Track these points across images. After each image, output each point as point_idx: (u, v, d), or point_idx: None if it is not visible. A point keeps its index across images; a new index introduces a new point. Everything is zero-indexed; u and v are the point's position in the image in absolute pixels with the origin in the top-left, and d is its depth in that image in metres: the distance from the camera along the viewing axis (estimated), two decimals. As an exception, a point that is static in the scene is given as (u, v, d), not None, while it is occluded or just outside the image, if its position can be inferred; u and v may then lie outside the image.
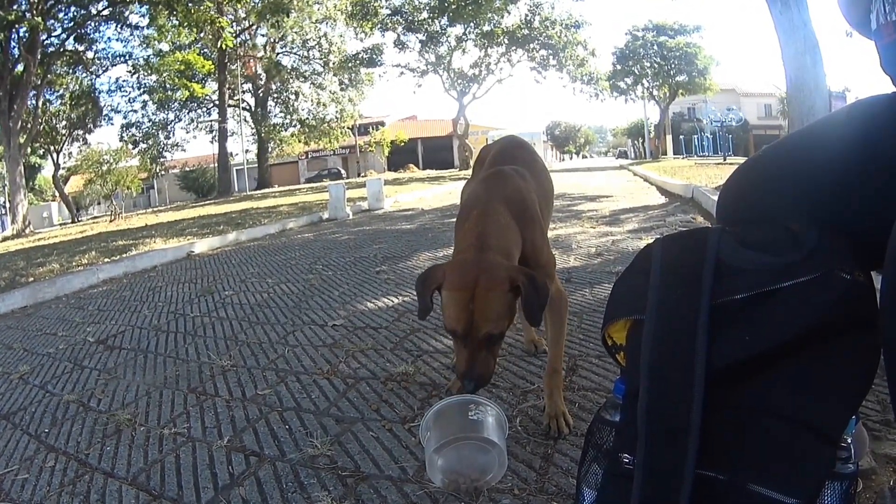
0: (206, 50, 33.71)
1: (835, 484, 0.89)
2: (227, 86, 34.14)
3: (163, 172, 38.93)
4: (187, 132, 41.97)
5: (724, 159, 23.62)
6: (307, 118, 37.89)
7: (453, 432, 1.44)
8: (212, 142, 37.16)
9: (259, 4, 31.30)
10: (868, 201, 0.99)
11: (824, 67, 8.05)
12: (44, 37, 24.04)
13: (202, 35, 30.49)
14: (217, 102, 34.88)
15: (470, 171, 2.93)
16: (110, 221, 17.87)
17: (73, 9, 26.05)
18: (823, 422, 0.85)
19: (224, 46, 31.18)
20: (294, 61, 38.28)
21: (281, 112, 39.05)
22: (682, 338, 0.88)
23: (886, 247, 0.87)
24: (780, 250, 0.92)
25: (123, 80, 37.96)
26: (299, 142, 39.30)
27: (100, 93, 33.24)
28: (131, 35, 31.01)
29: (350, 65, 36.83)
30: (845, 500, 0.89)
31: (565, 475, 1.55)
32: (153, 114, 35.19)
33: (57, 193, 35.29)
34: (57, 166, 33.53)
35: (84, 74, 30.77)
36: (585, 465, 1.08)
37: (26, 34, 22.82)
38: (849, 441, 0.91)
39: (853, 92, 30.97)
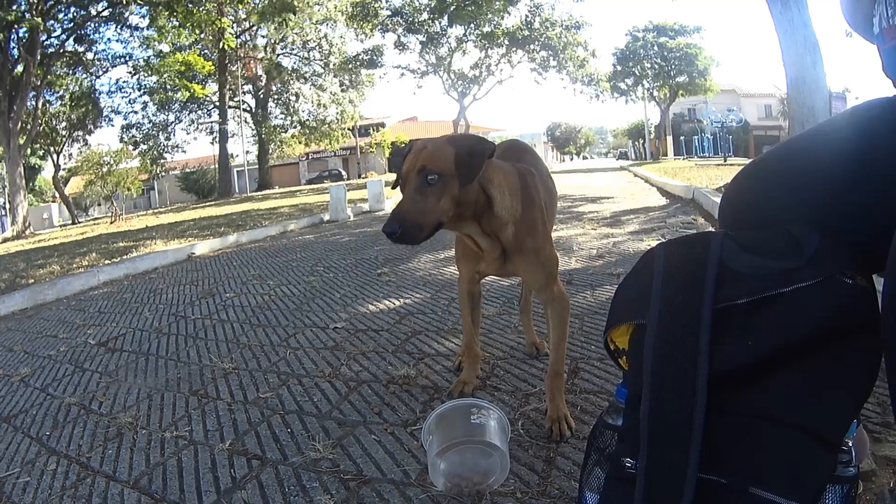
0: (206, 51, 33.73)
1: (836, 487, 0.89)
2: (227, 87, 34.16)
3: (163, 174, 38.95)
4: (188, 133, 42.32)
5: (725, 160, 23.66)
6: (308, 119, 37.91)
7: (456, 436, 1.44)
8: (212, 143, 37.21)
9: (260, 5, 31.28)
10: (870, 205, 0.99)
11: (825, 68, 8.04)
12: (43, 37, 24.01)
13: (202, 36, 30.50)
14: (217, 104, 34.91)
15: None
16: (111, 223, 17.88)
17: (72, 9, 26.02)
18: (825, 426, 0.85)
19: (226, 47, 31.20)
20: (294, 62, 38.36)
21: (281, 113, 39.10)
22: (685, 342, 0.88)
23: (888, 251, 0.87)
24: (783, 255, 0.92)
25: (124, 82, 38.13)
26: (300, 143, 39.34)
27: (100, 94, 33.24)
28: (131, 36, 31.04)
29: (350, 66, 36.87)
30: (846, 502, 0.90)
31: (568, 478, 1.55)
32: (153, 115, 35.25)
33: (57, 195, 35.27)
34: (57, 167, 33.48)
35: (84, 75, 30.76)
36: (588, 468, 1.08)
37: (26, 35, 22.80)
38: (850, 444, 0.91)
39: (853, 92, 31.00)
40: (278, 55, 37.58)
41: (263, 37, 36.72)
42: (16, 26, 21.97)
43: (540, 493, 1.51)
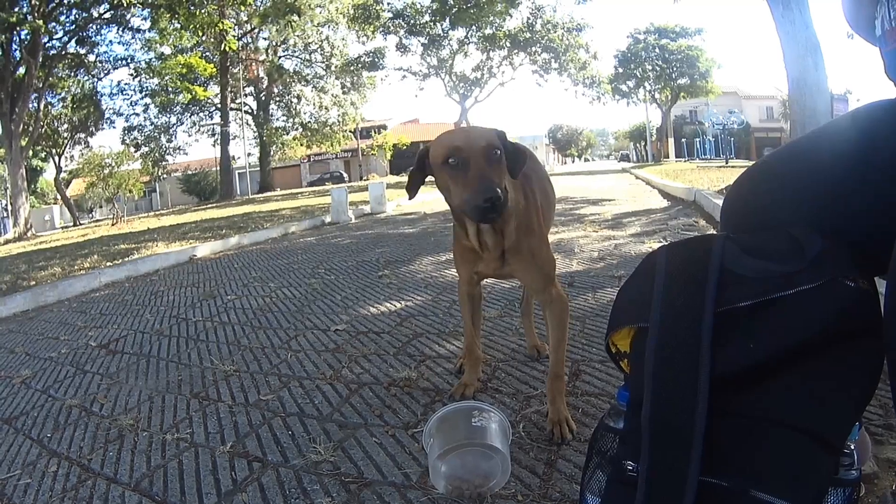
0: (207, 53, 33.75)
1: (838, 490, 0.89)
2: (229, 89, 34.19)
3: (165, 176, 38.98)
4: (189, 135, 42.41)
5: (726, 162, 23.73)
6: (309, 121, 37.95)
7: (457, 438, 1.44)
8: (214, 145, 37.26)
9: (262, 7, 31.29)
10: (872, 208, 0.99)
11: (826, 70, 8.04)
12: (45, 39, 24.01)
13: (204, 38, 30.52)
14: (219, 106, 34.93)
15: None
16: (112, 225, 17.90)
17: (74, 12, 26.06)
18: (827, 429, 0.85)
19: (228, 49, 31.22)
20: (296, 65, 38.40)
21: (283, 115, 39.13)
22: (686, 346, 0.88)
23: (890, 254, 0.87)
24: (784, 258, 0.92)
25: (125, 84, 38.04)
26: (301, 145, 39.35)
27: (102, 96, 33.28)
28: (133, 38, 30.98)
29: (352, 68, 36.93)
30: (848, 506, 0.89)
31: (569, 481, 1.55)
32: (155, 117, 35.32)
33: (59, 196, 35.32)
34: (59, 169, 33.53)
35: (86, 77, 30.80)
36: (589, 471, 1.08)
37: (28, 37, 22.83)
38: (852, 447, 0.91)
39: (855, 94, 31.02)
40: (280, 57, 37.63)
41: (265, 39, 36.85)
42: (18, 28, 22.00)
43: (541, 496, 1.51)
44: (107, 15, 27.44)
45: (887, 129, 1.02)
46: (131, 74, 33.29)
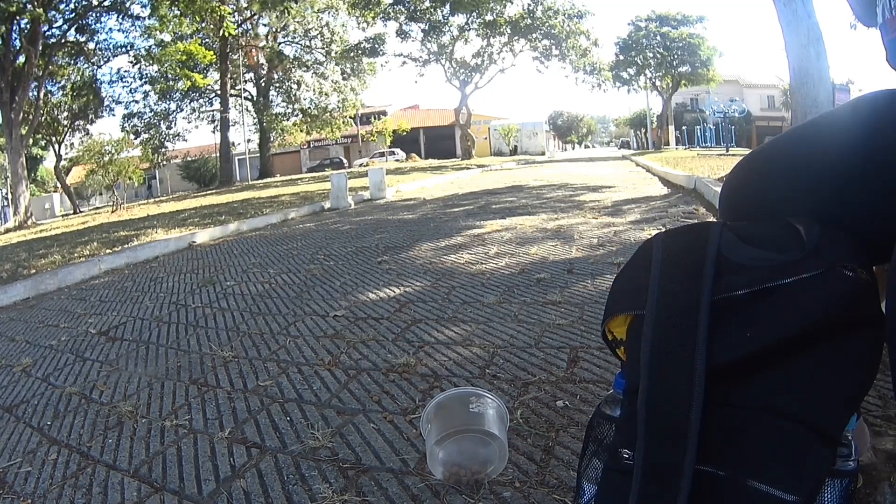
0: (207, 40, 33.63)
1: (835, 481, 0.89)
2: (228, 75, 34.09)
3: (164, 162, 38.91)
4: (189, 122, 42.33)
5: (727, 150, 23.71)
6: (309, 107, 37.91)
7: (454, 425, 1.44)
8: (213, 131, 37.25)
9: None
10: (872, 197, 0.98)
11: (828, 59, 8.01)
12: (45, 28, 23.96)
13: (204, 24, 30.41)
14: (219, 92, 34.85)
15: (471, 161, 2.94)
16: (112, 212, 17.88)
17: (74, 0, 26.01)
18: (824, 420, 0.84)
19: (227, 34, 31.12)
20: (296, 51, 38.35)
21: (283, 101, 39.11)
22: (683, 334, 0.87)
23: (890, 243, 0.86)
24: (783, 246, 0.92)
25: (125, 71, 38.06)
26: (301, 131, 39.29)
27: (101, 83, 33.17)
28: (133, 26, 30.85)
29: (352, 54, 36.86)
30: (845, 496, 0.89)
31: (566, 468, 1.55)
32: (155, 104, 35.21)
33: (59, 184, 35.28)
34: (58, 157, 33.47)
35: (85, 65, 30.70)
36: (586, 459, 1.08)
37: (27, 25, 22.78)
38: (850, 438, 0.91)
39: (857, 84, 30.91)
40: (280, 43, 37.54)
41: (265, 25, 36.72)
42: (17, 17, 21.93)
43: (538, 482, 1.51)
44: (107, 2, 27.36)
45: (889, 118, 1.02)
46: (131, 62, 33.19)
